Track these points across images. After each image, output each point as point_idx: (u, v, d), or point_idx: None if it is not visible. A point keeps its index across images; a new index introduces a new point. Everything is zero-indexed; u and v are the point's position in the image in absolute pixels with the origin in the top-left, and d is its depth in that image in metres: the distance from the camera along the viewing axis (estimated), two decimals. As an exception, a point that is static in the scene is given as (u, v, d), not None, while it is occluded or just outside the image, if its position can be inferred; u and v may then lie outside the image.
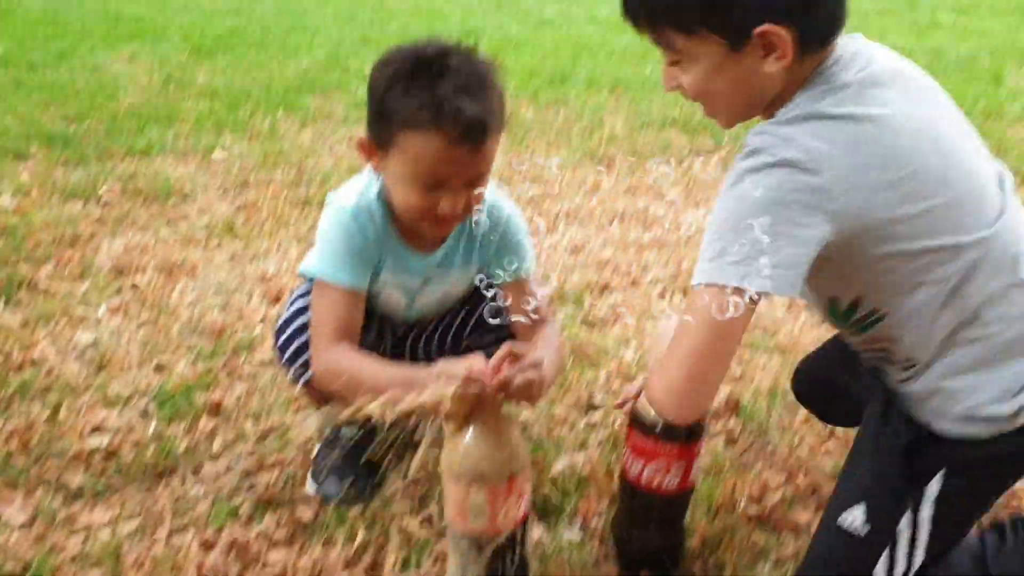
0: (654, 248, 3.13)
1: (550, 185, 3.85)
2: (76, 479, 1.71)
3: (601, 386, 2.15)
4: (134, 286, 2.66)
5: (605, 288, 2.75)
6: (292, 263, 2.89)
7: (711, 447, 1.91)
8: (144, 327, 2.40)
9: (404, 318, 1.77)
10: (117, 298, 2.57)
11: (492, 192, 1.63)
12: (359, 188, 1.60)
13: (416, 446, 1.60)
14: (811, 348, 2.31)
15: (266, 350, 2.25)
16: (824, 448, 1.93)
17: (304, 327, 1.61)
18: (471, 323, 1.80)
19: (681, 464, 1.44)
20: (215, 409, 1.97)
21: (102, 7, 9.40)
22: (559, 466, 1.78)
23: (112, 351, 2.25)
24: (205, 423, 1.91)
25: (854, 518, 1.37)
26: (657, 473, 1.45)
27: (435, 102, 1.39)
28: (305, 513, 1.65)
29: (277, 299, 2.61)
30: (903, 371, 1.35)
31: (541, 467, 1.79)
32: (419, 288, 1.70)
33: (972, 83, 5.80)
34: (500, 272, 1.68)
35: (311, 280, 1.64)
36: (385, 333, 1.77)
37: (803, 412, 2.02)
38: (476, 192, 1.50)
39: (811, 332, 2.49)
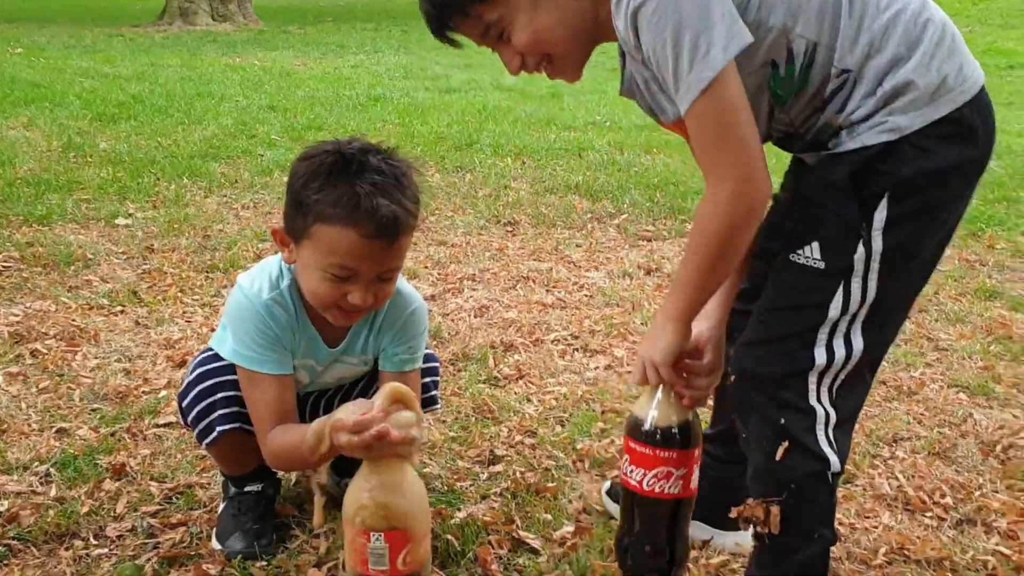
0: (556, 309, 3.24)
1: (457, 248, 3.95)
2: (-26, 547, 1.70)
3: (503, 440, 2.22)
4: (34, 353, 2.64)
5: (509, 348, 2.84)
6: (197, 328, 2.90)
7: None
8: (44, 394, 2.38)
9: (303, 391, 1.83)
10: (15, 366, 2.55)
11: (400, 281, 1.70)
12: (271, 278, 1.65)
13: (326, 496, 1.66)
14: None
15: (171, 413, 2.26)
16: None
17: (206, 391, 1.66)
18: (374, 388, 1.87)
19: (682, 471, 1.45)
20: (119, 471, 1.98)
21: (-2, 72, 9.27)
22: (460, 515, 1.85)
23: (10, 417, 2.23)
24: (109, 485, 1.92)
25: (806, 254, 1.40)
26: (658, 480, 1.45)
27: (352, 199, 1.47)
28: (211, 569, 1.67)
29: (182, 364, 2.62)
30: (840, 103, 1.38)
31: (443, 516, 1.85)
32: (322, 371, 1.77)
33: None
34: (388, 363, 1.76)
35: (210, 349, 1.69)
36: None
37: None
38: (386, 286, 1.57)
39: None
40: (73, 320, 2.91)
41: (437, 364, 1.93)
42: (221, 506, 1.80)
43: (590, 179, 5.21)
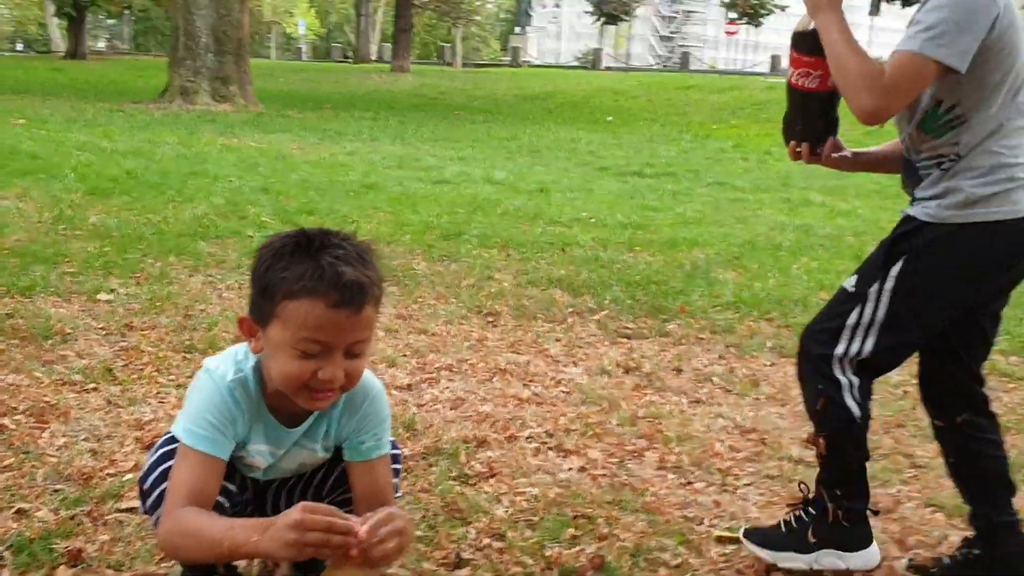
0: (532, 404, 3.22)
1: (437, 337, 3.95)
2: (-83, 631, 1.65)
3: (471, 542, 2.19)
4: (1, 428, 2.61)
5: (482, 443, 2.82)
6: (169, 410, 2.87)
7: (573, 604, 1.96)
8: (7, 472, 2.35)
9: (262, 478, 1.81)
10: (-18, 441, 2.51)
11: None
12: (236, 361, 1.66)
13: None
14: (676, 510, 2.43)
15: (135, 497, 2.22)
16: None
17: (167, 474, 1.63)
18: (332, 478, 1.84)
19: (818, 72, 2.02)
20: (74, 557, 1.93)
21: (-3, 141, 9.36)
22: (422, 623, 1.80)
23: (-30, 496, 2.19)
24: (63, 572, 1.87)
25: (850, 282, 2.06)
26: (802, 77, 2.06)
27: (317, 270, 1.49)
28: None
29: (151, 447, 2.58)
30: (938, 177, 1.95)
31: (404, 623, 1.80)
32: (280, 456, 1.75)
33: (837, 258, 6.22)
34: (354, 453, 1.74)
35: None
36: (248, 483, 1.80)
37: (664, 571, 2.10)
38: (355, 363, 1.57)
39: (677, 492, 2.59)
40: (44, 396, 2.89)
41: (399, 452, 1.92)
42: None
43: (572, 274, 5.25)
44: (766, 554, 2.19)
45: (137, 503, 2.17)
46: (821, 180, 10.76)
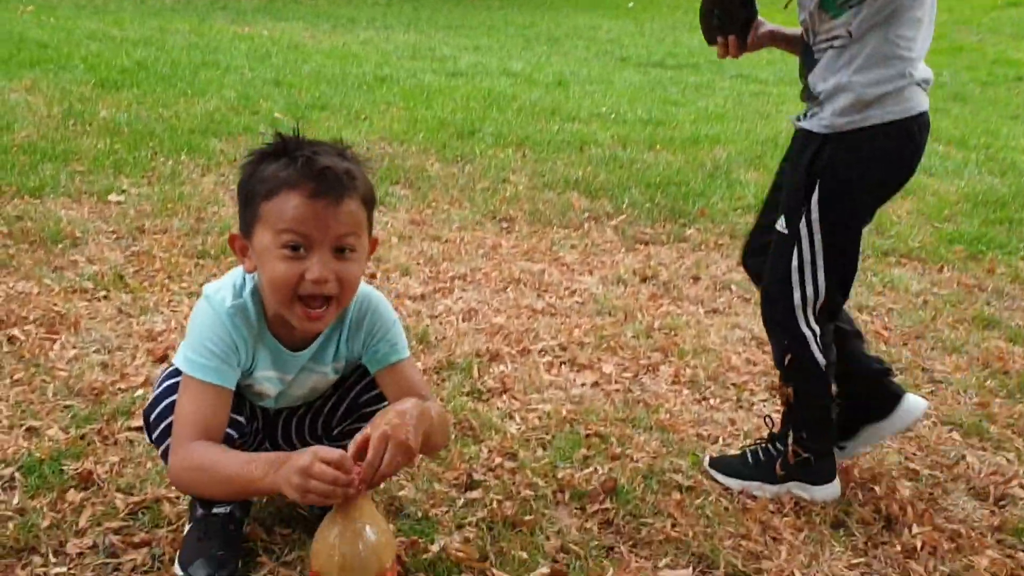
0: (546, 315, 3.19)
1: (451, 244, 3.89)
2: (-70, 556, 1.66)
3: (483, 462, 2.18)
4: (11, 339, 2.59)
5: (495, 357, 2.79)
6: (181, 320, 2.85)
7: (590, 527, 1.96)
8: (18, 386, 2.34)
9: (273, 406, 1.78)
10: (-7, 353, 2.51)
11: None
12: (235, 287, 1.61)
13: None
14: (690, 428, 2.41)
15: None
16: (696, 529, 1.99)
17: (172, 406, 1.60)
18: (342, 408, 1.81)
19: None
20: (85, 479, 1.93)
21: (5, 29, 9.16)
22: (434, 548, 1.80)
23: (-18, 412, 2.19)
24: (73, 496, 1.87)
25: (781, 224, 2.02)
26: None
27: (290, 164, 1.47)
28: (171, 596, 1.63)
29: (163, 359, 2.58)
30: (832, 59, 1.89)
31: (416, 549, 1.80)
32: (290, 381, 1.72)
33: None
34: (374, 364, 1.71)
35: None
36: (257, 413, 1.78)
37: (676, 495, 2.09)
38: (345, 267, 1.52)
39: (691, 408, 2.57)
40: (54, 304, 2.86)
41: None
42: (187, 527, 1.75)
43: (590, 175, 5.14)
44: (734, 483, 2.17)
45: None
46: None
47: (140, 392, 2.35)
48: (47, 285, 3.00)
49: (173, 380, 1.63)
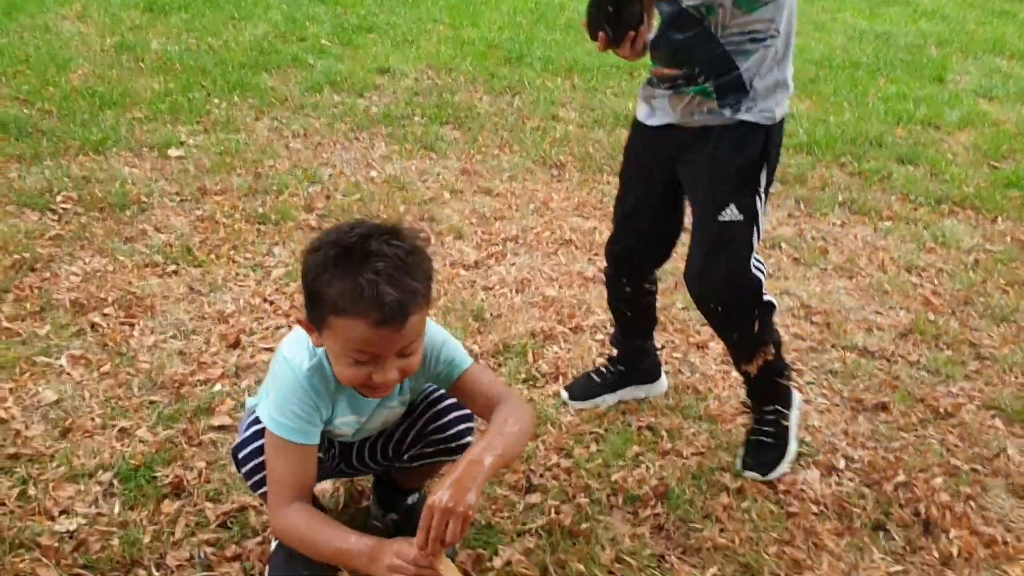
0: (597, 283, 3.27)
1: (502, 198, 3.96)
2: (48, 574, 1.84)
3: (540, 461, 2.31)
4: (94, 326, 2.74)
5: (549, 337, 2.89)
6: (249, 299, 2.98)
7: (642, 533, 2.09)
8: (105, 379, 2.50)
9: (350, 440, 1.91)
10: (78, 342, 2.66)
11: None
12: (309, 347, 1.70)
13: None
14: (739, 417, 2.51)
15: (223, 414, 2.37)
16: (742, 535, 2.12)
17: (260, 449, 1.73)
18: (410, 436, 1.93)
19: None
20: (176, 487, 2.10)
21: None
22: (497, 562, 1.95)
23: (75, 411, 2.35)
24: (168, 506, 2.04)
25: (731, 214, 2.11)
26: None
27: (356, 290, 1.50)
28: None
29: (236, 344, 2.72)
30: (756, 58, 2.03)
31: (481, 561, 1.95)
32: (364, 421, 1.84)
33: (916, 79, 5.95)
34: (441, 384, 1.82)
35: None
36: (334, 442, 1.91)
37: (724, 498, 2.21)
38: (408, 361, 1.62)
39: (739, 392, 2.66)
40: (129, 283, 3.00)
41: (472, 415, 1.97)
42: (274, 542, 1.91)
43: (642, 108, 5.11)
44: (774, 475, 2.31)
45: (228, 420, 2.33)
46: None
47: (218, 388, 2.49)
48: (120, 261, 3.14)
49: (258, 427, 1.75)
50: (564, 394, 2.59)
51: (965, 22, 7.76)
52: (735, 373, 2.74)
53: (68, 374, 2.51)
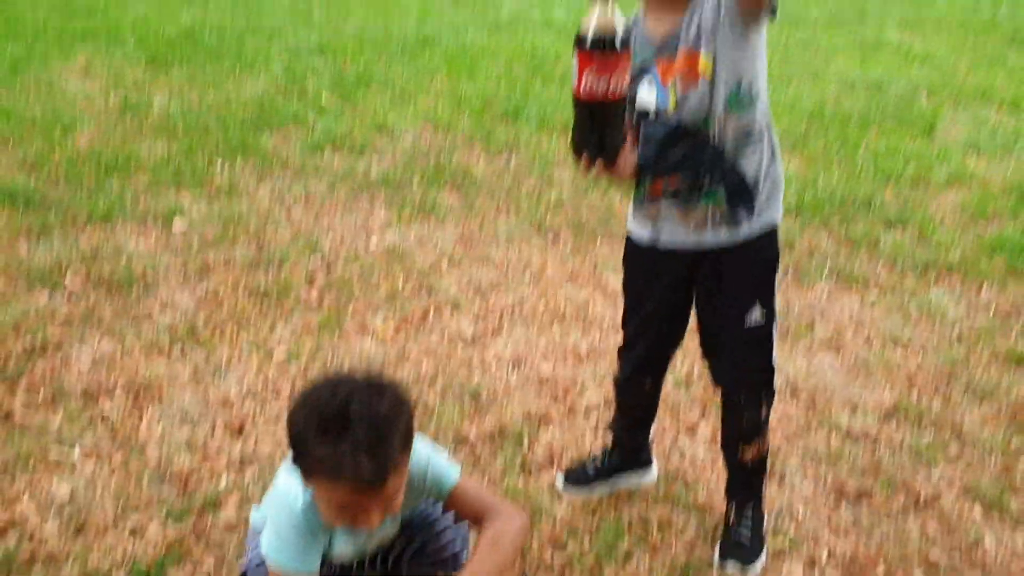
0: (591, 361, 3.36)
1: (498, 267, 4.06)
2: None
3: (534, 555, 2.40)
4: (104, 416, 2.84)
5: (544, 419, 2.99)
6: (252, 381, 3.08)
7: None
8: (116, 472, 2.59)
9: (347, 561, 2.00)
10: (89, 433, 2.76)
11: None
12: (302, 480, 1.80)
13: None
14: (725, 508, 2.59)
15: (231, 510, 2.46)
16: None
17: (265, 570, 1.83)
18: (409, 553, 2.03)
19: (606, 75, 1.87)
20: (186, 591, 2.19)
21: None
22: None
23: (88, 507, 2.45)
24: (178, 612, 2.13)
25: (755, 315, 2.24)
26: (592, 80, 1.89)
27: (336, 459, 1.59)
28: None
29: (240, 430, 2.82)
30: (756, 157, 2.12)
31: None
32: (363, 542, 1.93)
33: (906, 131, 6.07)
34: (434, 496, 1.92)
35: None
36: (333, 564, 2.00)
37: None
38: (392, 502, 1.71)
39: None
40: (137, 368, 3.10)
41: (465, 526, 2.06)
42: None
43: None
44: (754, 569, 2.40)
45: (233, 516, 2.42)
46: (899, 7, 10.27)
47: (224, 482, 2.59)
48: (128, 344, 3.24)
49: (261, 550, 1.85)
50: (559, 482, 2.68)
51: (956, 68, 7.89)
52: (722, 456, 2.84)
53: (80, 472, 2.60)
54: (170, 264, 3.84)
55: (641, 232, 2.32)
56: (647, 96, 2.11)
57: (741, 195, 2.16)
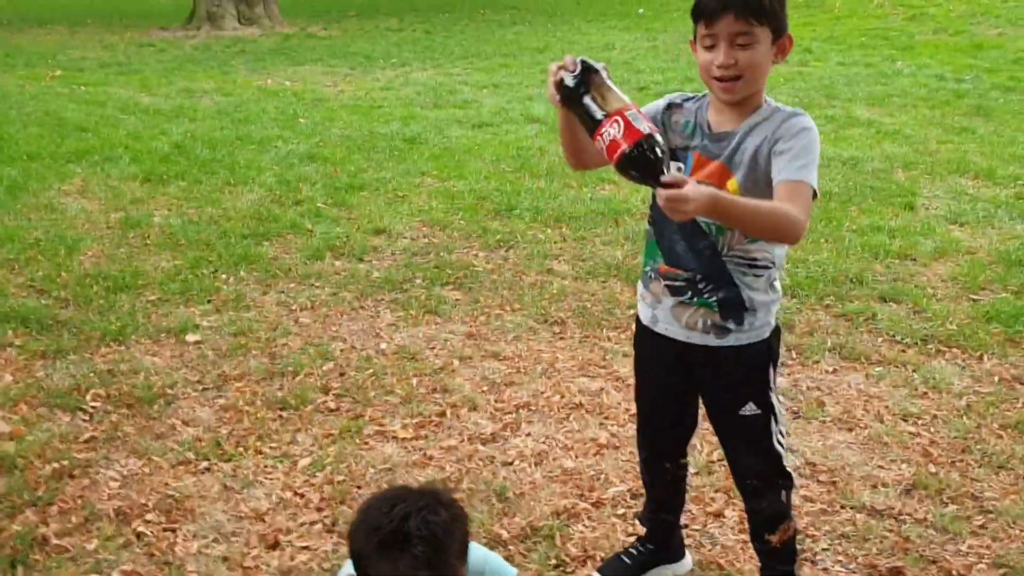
0: (612, 451, 3.41)
1: (509, 361, 4.13)
2: None
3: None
4: (139, 536, 2.86)
5: (573, 515, 3.02)
6: (280, 492, 3.11)
7: None
8: (157, 595, 2.60)
9: None
10: (126, 554, 2.77)
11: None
12: None
13: None
14: None
15: (276, 626, 2.47)
16: None
17: None
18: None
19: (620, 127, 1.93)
20: None
21: (42, 108, 9.47)
22: None
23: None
24: None
25: (750, 408, 2.33)
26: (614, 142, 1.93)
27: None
28: None
29: (274, 545, 2.84)
30: (757, 283, 2.24)
31: None
32: None
33: (887, 207, 6.25)
34: None
35: None
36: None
37: None
38: None
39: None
40: (166, 484, 3.13)
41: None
42: None
43: (629, 256, 5.35)
44: None
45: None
46: (864, 86, 10.60)
47: (266, 598, 2.60)
48: (155, 461, 3.27)
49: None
50: None
51: (927, 141, 8.13)
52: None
53: (120, 594, 2.61)
54: (187, 379, 3.89)
55: (644, 310, 2.45)
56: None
57: (733, 311, 2.27)
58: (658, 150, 1.92)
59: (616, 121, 1.91)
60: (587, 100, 1.98)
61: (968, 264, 5.17)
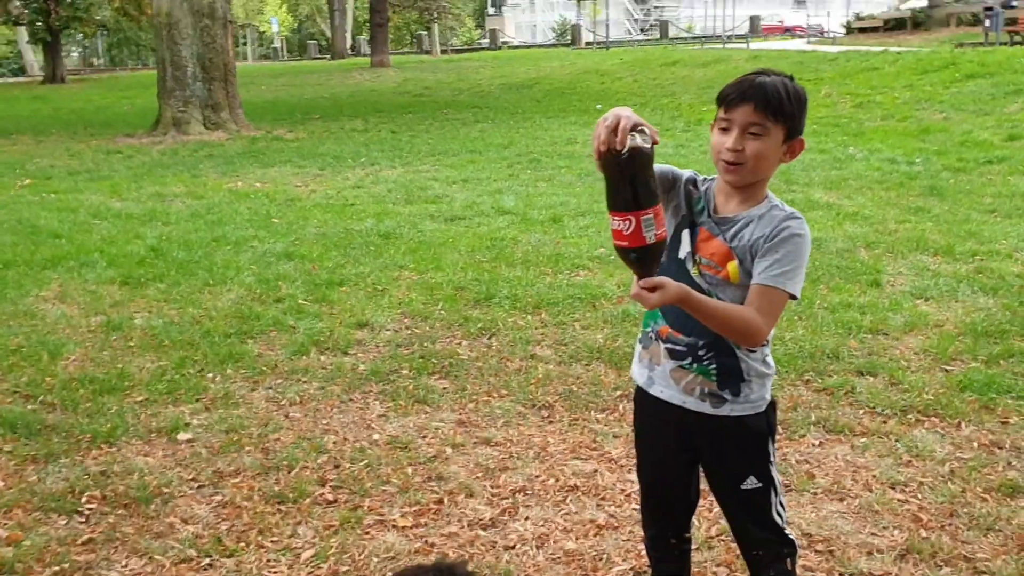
0: (611, 531, 3.45)
1: (501, 447, 4.17)
2: None
3: None
4: (147, 637, 2.84)
5: (580, 597, 3.06)
6: (287, 587, 3.11)
7: None
8: None
9: None
10: (134, 655, 2.75)
11: None
12: None
13: None
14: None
15: None
16: None
17: None
18: None
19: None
20: None
21: (15, 217, 9.50)
22: None
23: None
24: None
25: (751, 482, 2.40)
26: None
27: None
28: None
29: (285, 638, 2.83)
30: (752, 356, 2.33)
31: None
32: None
33: (854, 286, 6.44)
34: None
35: None
36: None
37: None
38: None
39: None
40: (171, 585, 3.11)
41: None
42: None
43: (609, 339, 5.46)
44: None
45: None
46: (821, 171, 10.97)
47: None
48: (157, 560, 3.25)
49: None
50: None
51: (886, 221, 8.41)
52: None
53: None
54: (182, 477, 3.88)
55: (640, 373, 2.52)
56: (684, 242, 2.34)
57: (730, 380, 2.37)
58: (651, 258, 2.08)
59: (629, 220, 2.02)
60: (621, 182, 2.03)
61: (938, 337, 5.34)
